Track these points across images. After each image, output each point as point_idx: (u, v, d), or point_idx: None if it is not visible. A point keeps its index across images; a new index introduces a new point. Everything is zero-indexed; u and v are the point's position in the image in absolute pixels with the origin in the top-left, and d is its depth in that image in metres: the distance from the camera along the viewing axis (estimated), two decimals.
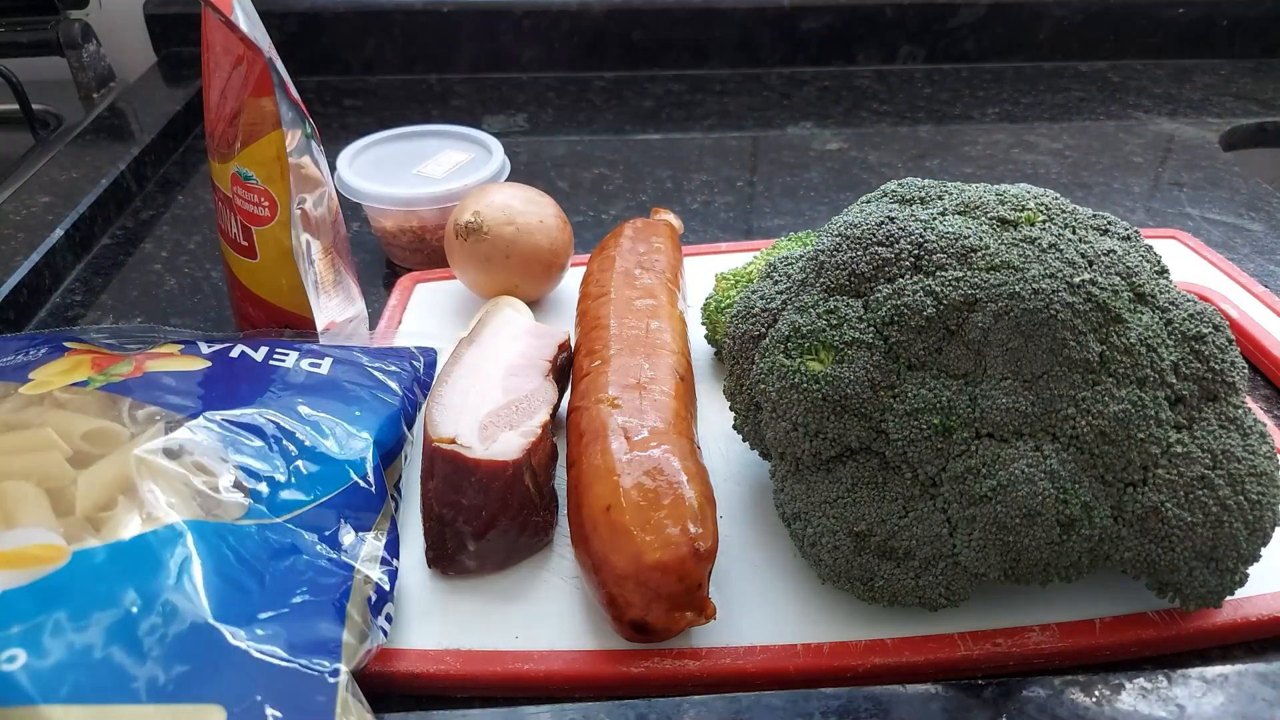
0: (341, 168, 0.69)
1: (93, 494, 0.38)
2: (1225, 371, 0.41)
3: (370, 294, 0.68)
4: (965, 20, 1.07)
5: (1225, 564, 0.39)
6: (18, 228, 0.70)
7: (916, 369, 0.41)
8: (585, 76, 1.06)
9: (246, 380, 0.47)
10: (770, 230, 0.78)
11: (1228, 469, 0.38)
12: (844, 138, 0.93)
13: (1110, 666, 0.41)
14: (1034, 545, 0.38)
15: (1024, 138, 0.93)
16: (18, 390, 0.43)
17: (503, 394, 0.48)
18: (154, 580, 0.35)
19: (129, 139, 0.85)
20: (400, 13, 1.02)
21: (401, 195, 0.67)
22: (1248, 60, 1.11)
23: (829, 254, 0.44)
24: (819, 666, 0.40)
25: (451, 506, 0.44)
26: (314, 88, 1.03)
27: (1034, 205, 0.44)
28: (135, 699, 0.32)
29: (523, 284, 0.62)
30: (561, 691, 0.40)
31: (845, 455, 0.42)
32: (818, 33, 1.06)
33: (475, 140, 0.74)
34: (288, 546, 0.40)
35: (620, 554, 0.39)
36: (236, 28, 0.48)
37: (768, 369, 0.43)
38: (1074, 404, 0.39)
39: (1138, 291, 0.41)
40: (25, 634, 0.32)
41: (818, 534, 0.41)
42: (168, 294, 0.70)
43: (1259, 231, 0.77)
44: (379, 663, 0.40)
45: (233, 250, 0.56)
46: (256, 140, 0.51)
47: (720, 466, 0.51)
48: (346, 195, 0.68)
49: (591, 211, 0.80)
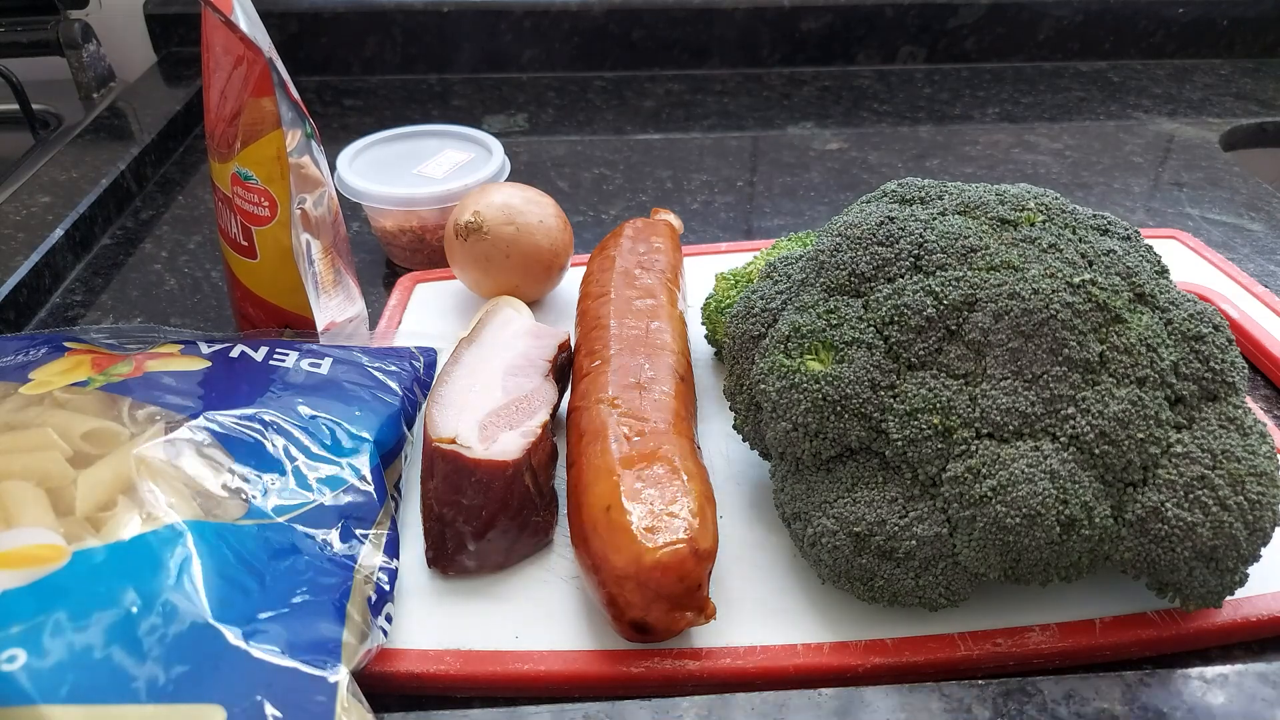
0: (342, 168, 0.69)
1: (93, 494, 0.38)
2: (1225, 371, 0.41)
3: (370, 294, 0.68)
4: (965, 20, 1.07)
5: (1225, 564, 0.39)
6: (18, 228, 0.70)
7: (916, 369, 0.41)
8: (585, 76, 1.06)
9: (246, 380, 0.47)
10: (770, 230, 0.78)
11: (1228, 469, 0.38)
12: (844, 138, 0.93)
13: (1110, 666, 0.41)
14: (1034, 545, 0.38)
15: (1024, 138, 0.93)
16: (18, 390, 0.43)
17: (503, 394, 0.48)
18: (154, 580, 0.35)
19: (129, 139, 0.85)
20: (400, 13, 1.02)
21: (402, 195, 0.67)
22: (1248, 60, 1.11)
23: (829, 254, 0.44)
24: (819, 666, 0.40)
25: (451, 506, 0.44)
26: (314, 88, 1.04)
27: (1034, 205, 0.44)
28: (135, 699, 0.32)
29: (523, 284, 0.62)
30: (561, 691, 0.40)
31: (845, 455, 0.42)
32: (818, 33, 1.06)
33: (475, 140, 0.74)
34: (288, 546, 0.40)
35: (620, 554, 0.39)
36: (236, 28, 0.48)
37: (768, 369, 0.43)
38: (1074, 404, 0.39)
39: (1138, 291, 0.41)
40: (25, 634, 0.32)
41: (818, 534, 0.41)
42: (168, 294, 0.70)
43: (1259, 231, 0.77)
44: (379, 663, 0.40)
45: (233, 250, 0.56)
46: (256, 140, 0.51)
47: (720, 466, 0.51)
48: (347, 195, 0.68)
49: (591, 211, 0.80)
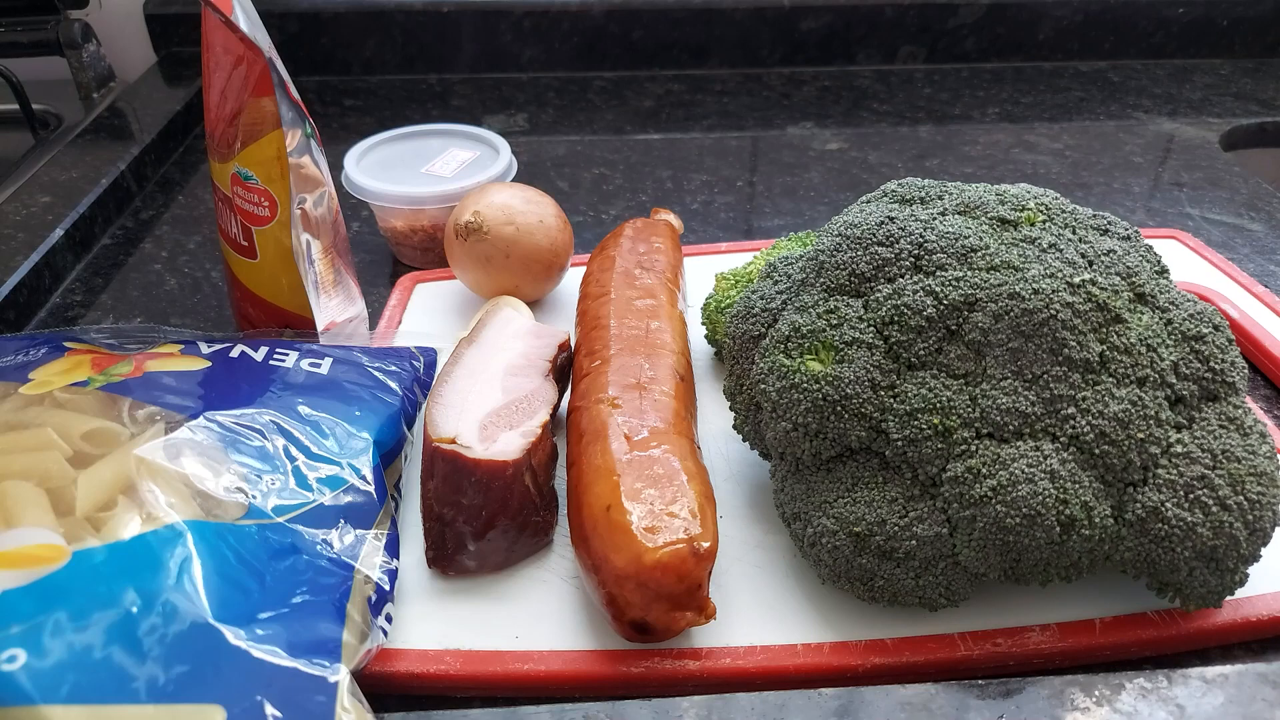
0: (350, 169, 0.69)
1: (93, 494, 0.38)
2: (1225, 371, 0.41)
3: (371, 294, 0.68)
4: (965, 20, 1.07)
5: (1225, 564, 0.39)
6: (18, 228, 0.70)
7: (916, 369, 0.41)
8: (585, 76, 1.06)
9: (246, 380, 0.47)
10: (770, 230, 0.78)
11: (1228, 469, 0.38)
12: (844, 138, 0.93)
13: (1110, 666, 0.41)
14: (1034, 545, 0.38)
15: (1024, 138, 0.93)
16: (18, 390, 0.43)
17: (503, 394, 0.48)
18: (154, 580, 0.35)
19: (129, 139, 0.85)
20: (400, 13, 1.02)
21: (416, 194, 0.67)
22: (1248, 60, 1.11)
23: (829, 254, 0.44)
24: (819, 666, 0.40)
25: (451, 506, 0.44)
26: (314, 88, 1.04)
27: (1034, 205, 0.44)
28: (135, 699, 0.32)
29: (523, 284, 0.62)
30: (561, 691, 0.40)
31: (845, 455, 0.42)
32: (818, 33, 1.06)
33: (479, 138, 0.74)
34: (288, 546, 0.40)
35: (620, 554, 0.39)
36: (236, 28, 0.48)
37: (768, 369, 0.43)
38: (1074, 404, 0.39)
39: (1138, 291, 0.41)
40: (25, 634, 0.32)
41: (818, 534, 0.41)
42: (168, 294, 0.70)
43: (1259, 231, 0.77)
44: (379, 663, 0.40)
45: (233, 250, 0.56)
46: (256, 140, 0.51)
47: (720, 466, 0.51)
48: (358, 196, 0.68)
49: (591, 211, 0.80)
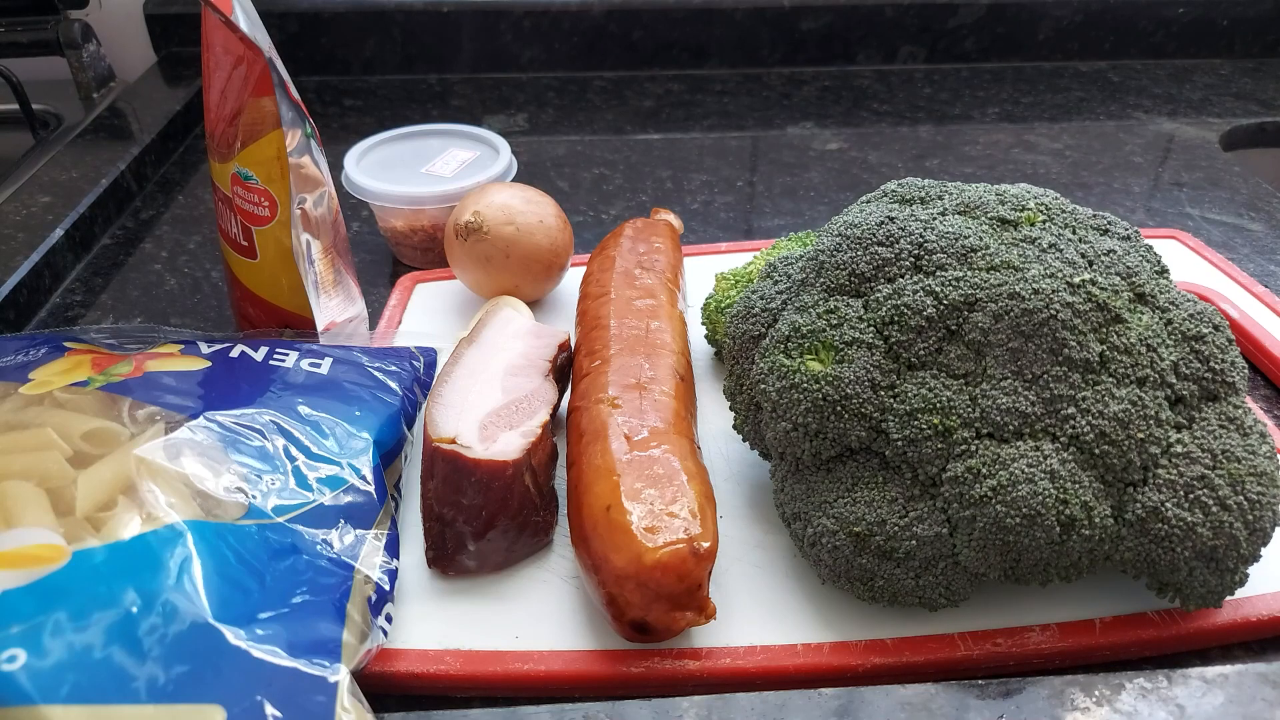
0: (350, 169, 0.69)
1: (93, 494, 0.38)
2: (1225, 371, 0.41)
3: (371, 294, 0.68)
4: (965, 20, 1.07)
5: (1225, 564, 0.39)
6: (18, 228, 0.70)
7: (916, 369, 0.41)
8: (585, 76, 1.06)
9: (246, 380, 0.47)
10: (770, 230, 0.78)
11: (1228, 469, 0.38)
12: (844, 138, 0.93)
13: (1110, 666, 0.41)
14: (1034, 545, 0.38)
15: (1024, 138, 0.93)
16: (18, 390, 0.43)
17: (503, 394, 0.48)
18: (154, 580, 0.35)
19: (129, 139, 0.85)
20: (400, 13, 1.02)
21: (416, 194, 0.67)
22: (1248, 60, 1.11)
23: (829, 254, 0.44)
24: (819, 666, 0.40)
25: (451, 506, 0.44)
26: (314, 88, 1.03)
27: (1034, 205, 0.44)
28: (135, 699, 0.32)
29: (523, 284, 0.62)
30: (561, 691, 0.40)
31: (845, 455, 0.42)
32: (818, 33, 1.06)
33: (479, 138, 0.74)
34: (288, 546, 0.40)
35: (620, 554, 0.39)
36: (236, 28, 0.48)
37: (768, 369, 0.43)
38: (1074, 404, 0.39)
39: (1138, 291, 0.41)
40: (25, 634, 0.32)
41: (818, 534, 0.41)
42: (168, 294, 0.70)
43: (1259, 231, 0.77)
44: (379, 663, 0.40)
45: (233, 250, 0.56)
46: (256, 140, 0.51)
47: (720, 466, 0.51)
48: (358, 196, 0.68)
49: (591, 211, 0.80)
